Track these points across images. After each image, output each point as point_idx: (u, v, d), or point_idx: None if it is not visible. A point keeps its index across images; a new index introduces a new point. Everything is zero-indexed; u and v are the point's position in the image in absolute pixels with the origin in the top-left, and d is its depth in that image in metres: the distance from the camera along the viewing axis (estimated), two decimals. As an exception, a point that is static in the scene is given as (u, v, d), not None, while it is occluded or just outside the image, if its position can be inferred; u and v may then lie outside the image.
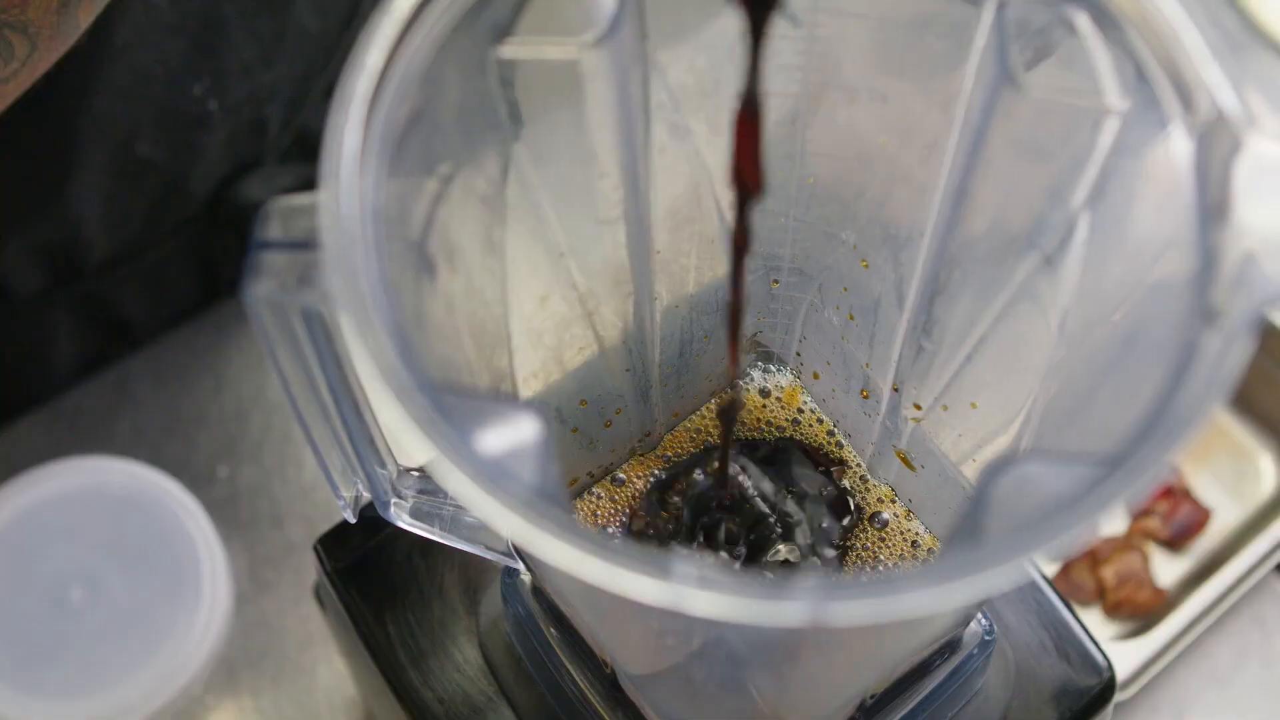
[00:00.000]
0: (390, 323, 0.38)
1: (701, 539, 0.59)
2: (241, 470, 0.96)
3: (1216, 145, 0.40)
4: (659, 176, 0.52)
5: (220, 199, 0.97)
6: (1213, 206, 0.39)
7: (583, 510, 0.61)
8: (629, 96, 0.47)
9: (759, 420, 0.63)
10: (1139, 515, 0.91)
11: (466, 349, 0.48)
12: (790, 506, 0.60)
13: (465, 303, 0.48)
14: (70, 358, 1.01)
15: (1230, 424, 0.95)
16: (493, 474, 0.35)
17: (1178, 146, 0.41)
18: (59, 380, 1.01)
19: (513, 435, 0.37)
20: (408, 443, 0.36)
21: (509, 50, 0.44)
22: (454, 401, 0.37)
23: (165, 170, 0.92)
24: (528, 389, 0.56)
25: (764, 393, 0.64)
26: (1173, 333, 0.38)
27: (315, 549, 0.66)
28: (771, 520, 0.60)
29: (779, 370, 0.64)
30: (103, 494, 0.86)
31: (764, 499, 0.60)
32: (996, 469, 0.38)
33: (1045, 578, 0.63)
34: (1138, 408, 0.37)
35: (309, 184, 0.99)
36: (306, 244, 0.43)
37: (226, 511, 0.94)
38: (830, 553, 0.60)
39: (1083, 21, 0.43)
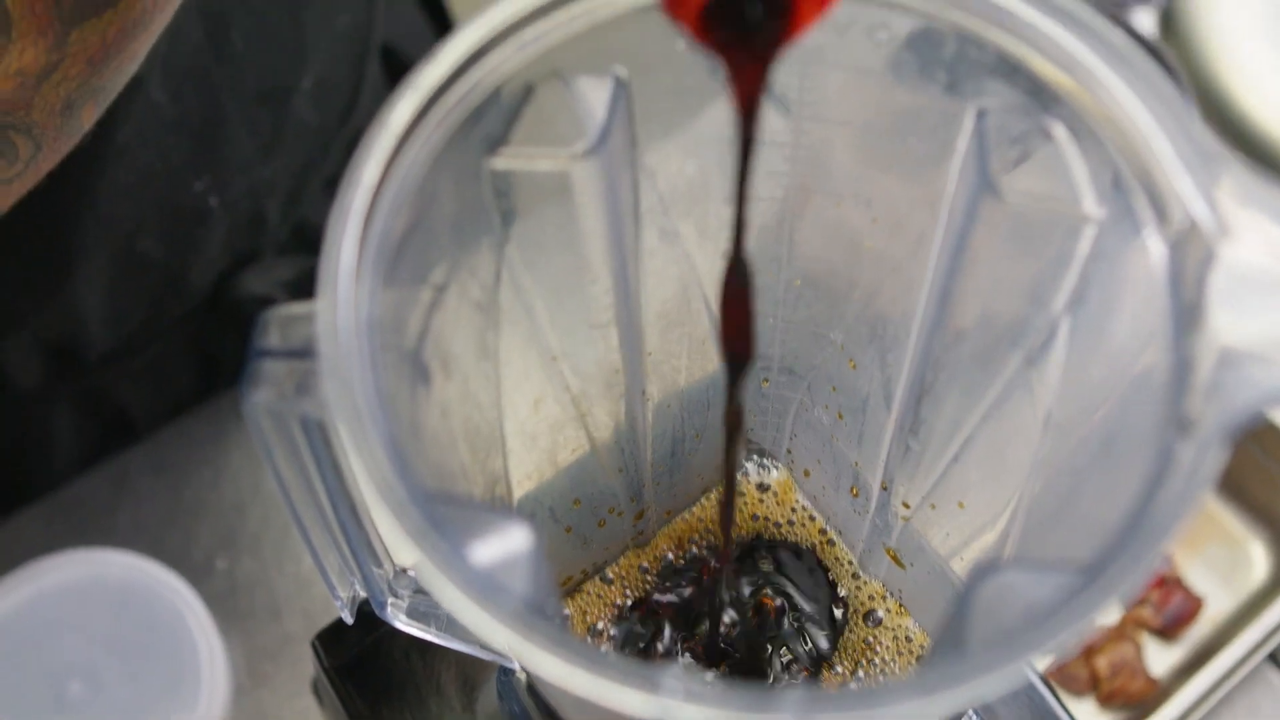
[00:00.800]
0: (385, 434, 0.39)
1: (696, 641, 0.60)
2: (240, 562, 0.97)
3: (1190, 254, 0.41)
4: (649, 280, 0.53)
5: (220, 292, 0.98)
6: (1187, 315, 0.40)
7: (574, 608, 0.62)
8: (619, 203, 0.48)
9: (755, 516, 0.64)
10: (1131, 604, 0.92)
11: (461, 453, 0.49)
12: (784, 606, 0.61)
13: (460, 408, 0.49)
14: (70, 450, 1.02)
15: (1221, 512, 0.96)
16: (485, 586, 0.35)
17: (1153, 254, 0.42)
18: (59, 472, 1.01)
19: (505, 546, 0.37)
20: (403, 553, 0.37)
21: (502, 162, 0.45)
22: (447, 512, 0.38)
23: (166, 265, 0.93)
24: (522, 490, 0.56)
25: (762, 487, 0.65)
26: (1150, 438, 0.39)
27: (313, 645, 0.66)
28: (766, 621, 0.60)
29: (773, 466, 0.65)
30: (102, 586, 0.86)
31: (756, 600, 0.61)
32: (979, 576, 0.38)
33: (1037, 670, 0.64)
34: (1118, 511, 0.38)
35: (308, 275, 1.01)
36: (304, 352, 0.44)
37: (225, 603, 0.94)
38: (824, 651, 0.60)
39: (1059, 130, 0.44)
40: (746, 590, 0.62)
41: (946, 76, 0.45)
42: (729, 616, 0.61)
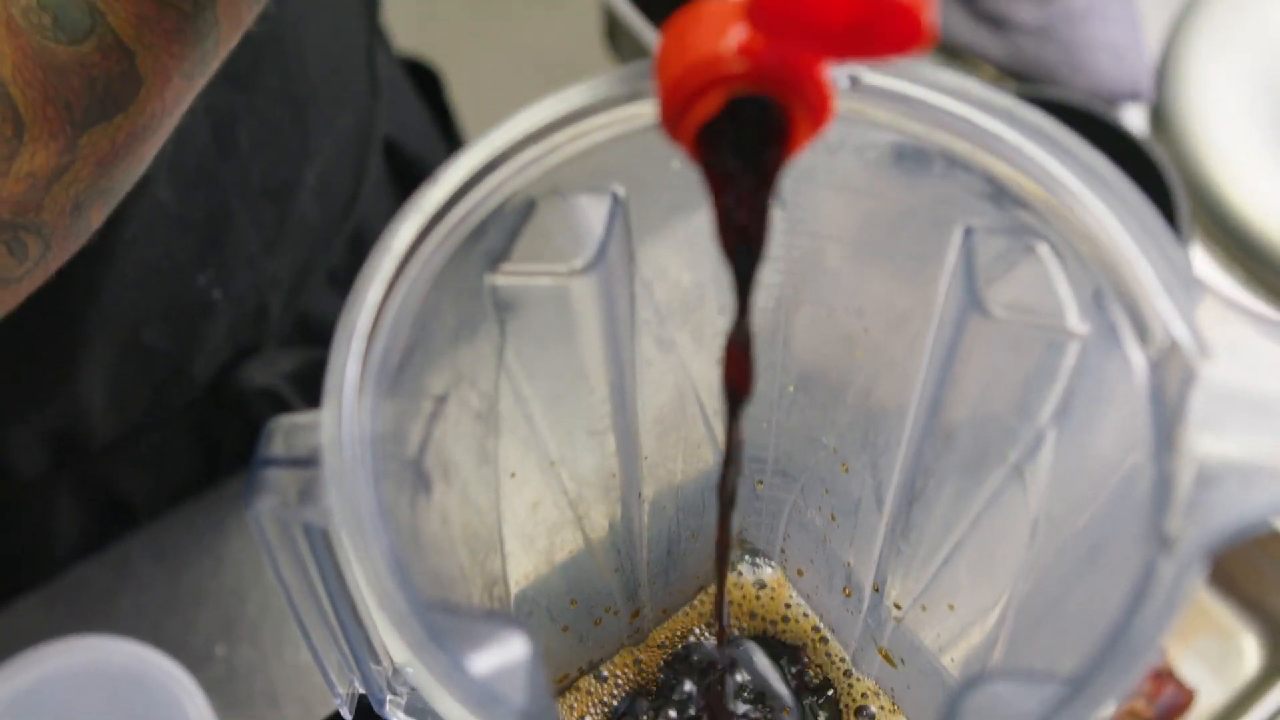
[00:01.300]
0: (386, 545, 0.40)
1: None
2: (239, 649, 0.98)
3: (1171, 373, 0.42)
4: (646, 387, 0.54)
5: (222, 382, 0.99)
6: (1168, 432, 0.41)
7: (564, 706, 0.63)
8: (617, 315, 0.49)
9: (751, 613, 0.65)
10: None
11: (460, 556, 0.50)
12: (777, 706, 0.62)
13: (459, 513, 0.50)
14: (72, 537, 1.02)
15: (1212, 604, 0.97)
16: (482, 697, 0.36)
17: (1136, 371, 0.43)
18: (60, 558, 1.02)
19: (503, 656, 0.38)
20: (403, 658, 0.38)
21: (503, 278, 0.46)
22: (446, 621, 0.39)
23: (169, 357, 0.94)
24: (519, 590, 0.57)
25: (759, 584, 0.66)
26: (1133, 552, 0.40)
27: (312, 738, 0.67)
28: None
29: (766, 564, 0.66)
30: (103, 673, 0.87)
31: (750, 700, 0.62)
32: (969, 685, 0.39)
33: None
34: (1103, 621, 0.39)
35: (310, 367, 1.02)
36: (307, 461, 0.45)
37: (224, 690, 0.95)
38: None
39: (1044, 249, 0.45)
40: (738, 688, 0.63)
41: (934, 196, 0.47)
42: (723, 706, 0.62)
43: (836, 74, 0.46)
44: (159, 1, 0.65)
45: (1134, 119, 1.07)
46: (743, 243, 0.44)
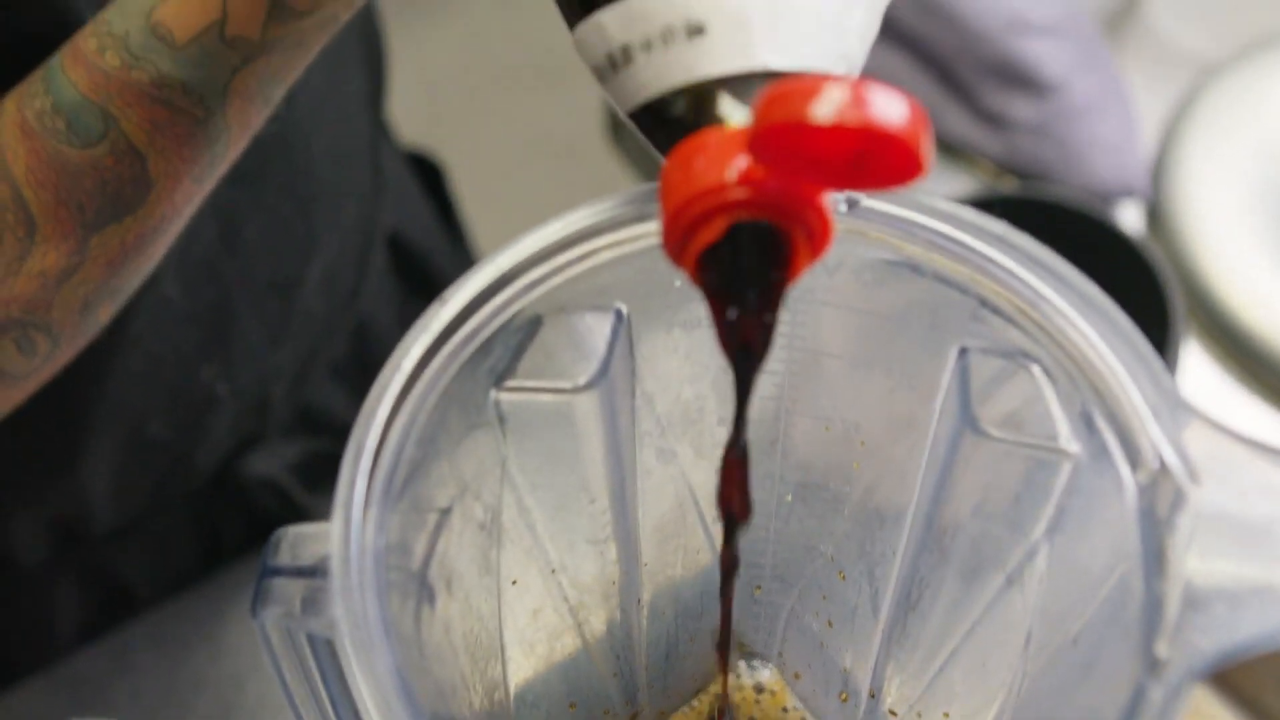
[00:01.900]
0: (390, 659, 0.41)
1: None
2: (238, 739, 0.98)
3: (1161, 496, 0.43)
4: (646, 497, 0.55)
5: (224, 472, 1.00)
6: (1157, 555, 0.42)
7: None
8: (619, 428, 0.50)
9: (751, 716, 0.65)
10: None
11: (462, 664, 0.51)
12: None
13: (462, 622, 0.51)
14: (72, 624, 1.02)
15: (1208, 701, 0.97)
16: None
17: (1126, 492, 0.44)
18: (59, 645, 1.02)
19: (505, 774, 0.39)
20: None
21: (507, 395, 0.47)
22: (450, 735, 0.39)
23: (172, 448, 0.95)
24: (519, 694, 0.58)
25: (759, 688, 0.66)
26: (1123, 672, 0.41)
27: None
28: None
29: (764, 668, 0.67)
30: (101, 762, 0.87)
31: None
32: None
33: None
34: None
35: (312, 458, 1.03)
36: (313, 572, 0.46)
37: (222, 781, 0.95)
38: None
39: (1036, 370, 0.46)
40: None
41: (929, 316, 0.48)
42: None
43: (835, 197, 0.47)
44: (171, 107, 0.66)
45: (1130, 216, 1.08)
46: (744, 351, 0.45)
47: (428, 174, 1.18)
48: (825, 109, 0.35)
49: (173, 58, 0.65)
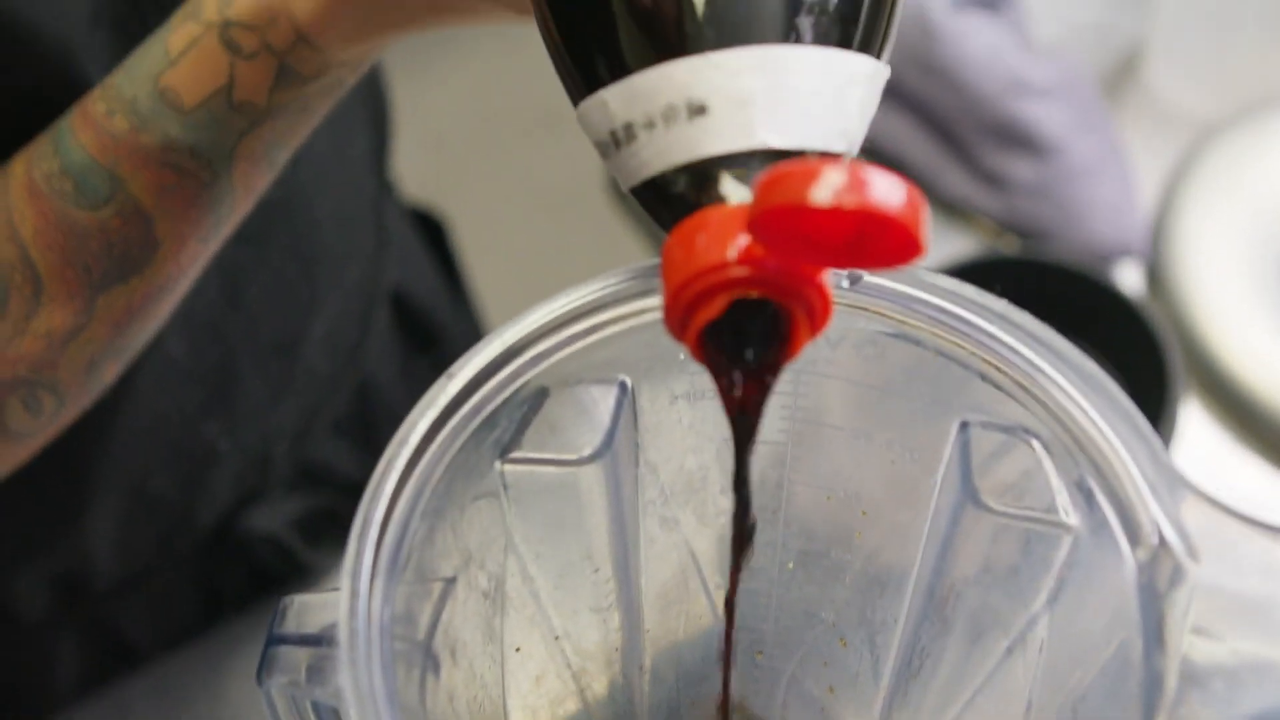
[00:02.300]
0: (396, 732, 0.41)
1: None
2: (238, 794, 0.98)
3: (1160, 572, 0.43)
4: (649, 564, 0.56)
5: (226, 528, 1.00)
6: (1157, 631, 0.42)
7: None
8: (623, 499, 0.51)
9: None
10: None
11: (465, 732, 0.51)
12: None
13: (465, 690, 0.51)
14: (72, 678, 1.02)
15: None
16: None
17: (1126, 567, 0.44)
18: (60, 700, 1.02)
19: None
20: None
21: (512, 466, 0.48)
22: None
23: (174, 504, 0.95)
24: (522, 761, 0.58)
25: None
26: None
27: None
28: None
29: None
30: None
31: None
32: None
33: None
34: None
35: (313, 514, 1.03)
36: (319, 640, 0.46)
37: (222, 836, 0.95)
38: None
39: (1037, 446, 0.47)
40: None
41: (931, 390, 0.48)
42: None
43: (837, 273, 0.48)
44: (179, 170, 0.66)
45: (1130, 276, 1.09)
46: (743, 414, 0.45)
47: (431, 230, 1.19)
48: (824, 192, 0.36)
49: (181, 122, 0.65)
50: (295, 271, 0.93)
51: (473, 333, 1.18)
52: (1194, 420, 1.02)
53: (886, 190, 0.36)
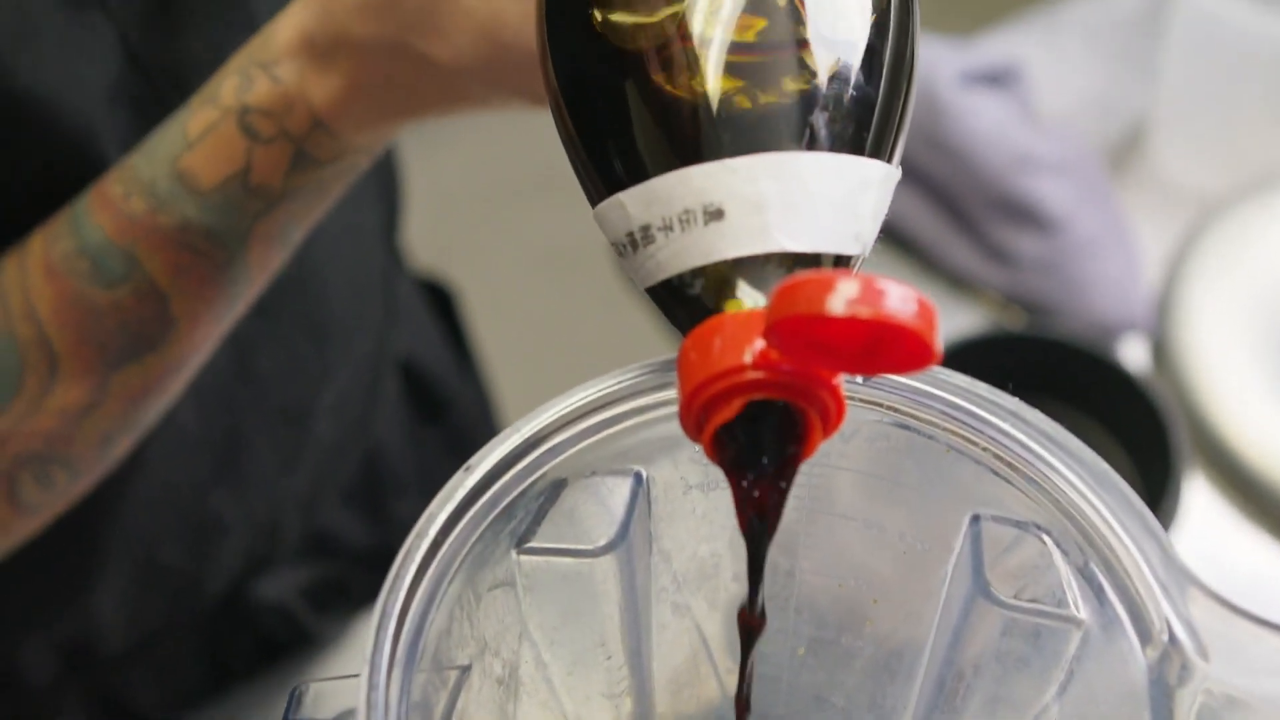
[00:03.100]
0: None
1: None
2: None
3: (1170, 669, 0.44)
4: (661, 650, 0.56)
5: (233, 596, 1.01)
6: (1167, 727, 0.43)
7: None
8: (635, 588, 0.51)
9: None
10: None
11: (479, 818, 0.51)
12: None
13: (479, 777, 0.51)
14: (79, 745, 1.03)
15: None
16: None
17: (1136, 662, 0.45)
18: (66, 766, 1.02)
19: None
20: None
21: (528, 557, 0.48)
22: None
23: (182, 572, 0.96)
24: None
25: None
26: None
27: None
28: None
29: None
30: None
31: None
32: None
33: None
34: None
35: (321, 583, 1.03)
36: (336, 726, 0.47)
37: None
38: None
39: (1049, 541, 0.47)
40: None
41: (942, 483, 0.49)
42: None
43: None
44: (195, 251, 0.67)
45: (1135, 350, 1.10)
46: (759, 521, 0.46)
47: (439, 299, 1.20)
48: (839, 303, 0.36)
49: (198, 204, 0.66)
50: (305, 342, 0.93)
51: (481, 402, 1.18)
52: (1199, 495, 1.03)
53: (900, 301, 0.36)
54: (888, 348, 0.38)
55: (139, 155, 0.68)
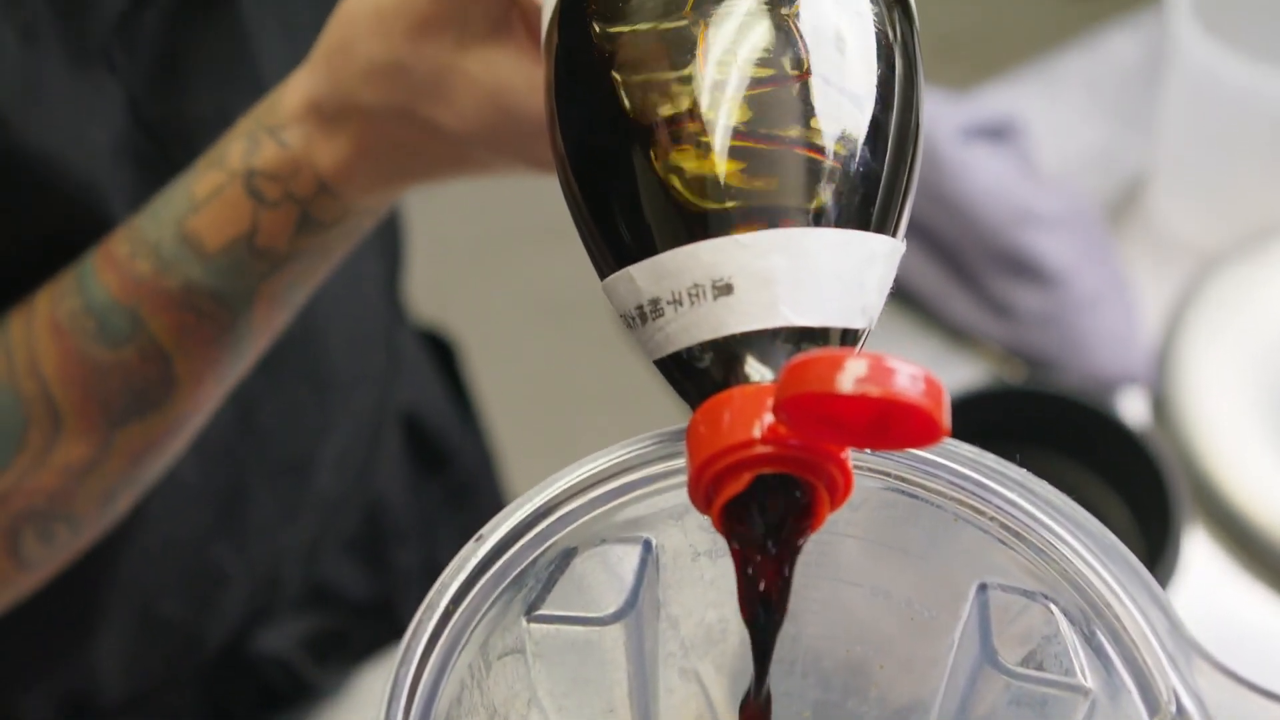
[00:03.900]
0: None
1: None
2: None
3: (1177, 740, 0.44)
4: (667, 713, 0.56)
5: (234, 648, 1.01)
6: (1176, 800, 0.43)
7: None
8: (644, 654, 0.51)
9: None
10: None
11: None
12: None
13: (486, 843, 0.51)
14: (78, 797, 1.03)
15: None
16: None
17: (1143, 732, 0.45)
18: (65, 819, 1.02)
19: None
20: None
21: (538, 626, 0.48)
22: None
23: (183, 625, 0.96)
24: None
25: None
26: None
27: None
28: None
29: None
30: None
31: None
32: None
33: None
34: None
35: (322, 634, 1.03)
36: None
37: None
38: None
39: (1055, 610, 0.48)
40: None
41: (950, 551, 0.49)
42: None
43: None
44: (199, 313, 0.67)
45: (1134, 404, 1.10)
46: (765, 607, 0.46)
47: (441, 351, 1.20)
48: (849, 381, 0.37)
49: (203, 266, 0.66)
50: (307, 395, 0.94)
51: (483, 454, 1.19)
52: (1199, 549, 1.03)
53: (909, 380, 0.37)
54: (896, 424, 0.38)
55: (145, 216, 0.68)
